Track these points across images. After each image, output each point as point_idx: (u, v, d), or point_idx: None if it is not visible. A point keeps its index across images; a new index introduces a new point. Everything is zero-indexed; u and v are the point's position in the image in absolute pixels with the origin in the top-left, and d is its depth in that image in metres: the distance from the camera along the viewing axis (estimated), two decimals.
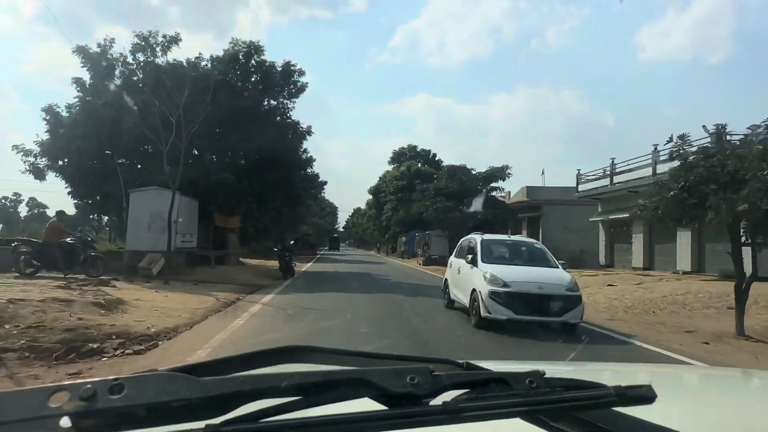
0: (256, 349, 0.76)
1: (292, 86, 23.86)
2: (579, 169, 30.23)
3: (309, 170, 40.02)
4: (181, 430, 0.60)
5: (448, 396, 0.68)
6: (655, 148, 22.32)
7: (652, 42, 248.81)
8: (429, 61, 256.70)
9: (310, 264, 32.22)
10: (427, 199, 32.66)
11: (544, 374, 0.73)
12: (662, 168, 22.11)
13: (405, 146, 60.76)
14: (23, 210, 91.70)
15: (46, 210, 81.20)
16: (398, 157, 59.93)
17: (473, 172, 31.69)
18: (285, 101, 24.18)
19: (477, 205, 29.30)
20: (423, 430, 0.65)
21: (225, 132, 20.42)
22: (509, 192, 36.89)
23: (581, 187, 29.75)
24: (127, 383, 0.59)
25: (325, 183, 45.12)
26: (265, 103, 23.26)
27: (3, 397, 0.59)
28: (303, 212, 45.85)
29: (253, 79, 23.31)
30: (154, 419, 0.59)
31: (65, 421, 0.57)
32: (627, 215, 24.87)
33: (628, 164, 25.54)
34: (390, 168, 60.55)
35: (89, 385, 0.58)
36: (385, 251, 66.08)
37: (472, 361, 0.83)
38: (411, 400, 0.66)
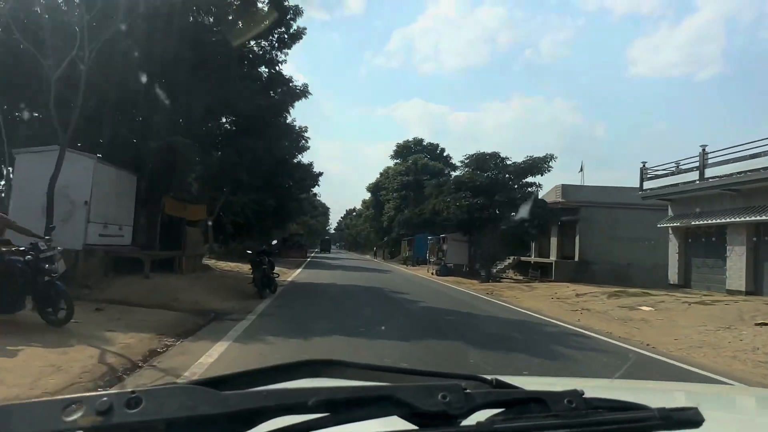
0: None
1: (283, 29, 17.41)
2: (644, 162, 24.01)
3: (302, 156, 33.83)
4: None
5: (482, 415, 0.65)
6: None
7: (644, 56, 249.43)
8: (424, 66, 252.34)
9: (299, 270, 25.73)
10: (447, 195, 26.25)
11: (583, 394, 0.69)
12: None
13: (410, 139, 54.46)
14: None
15: None
16: (402, 151, 53.58)
17: (508, 162, 25.26)
18: (275, 52, 17.73)
19: (524, 212, 23.05)
20: None
21: (184, 81, 13.87)
22: (537, 189, 30.41)
23: (648, 185, 23.49)
24: (145, 396, 0.56)
25: (320, 174, 39.03)
26: (247, 46, 16.77)
27: (14, 409, 0.56)
28: (293, 207, 39.38)
29: (230, 16, 16.86)
30: None
31: None
32: (724, 221, 18.79)
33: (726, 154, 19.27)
34: (392, 164, 54.24)
35: (105, 398, 0.55)
36: (382, 255, 59.45)
37: (502, 378, 0.77)
38: (443, 420, 0.62)
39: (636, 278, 28.97)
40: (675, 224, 21.95)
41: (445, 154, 52.82)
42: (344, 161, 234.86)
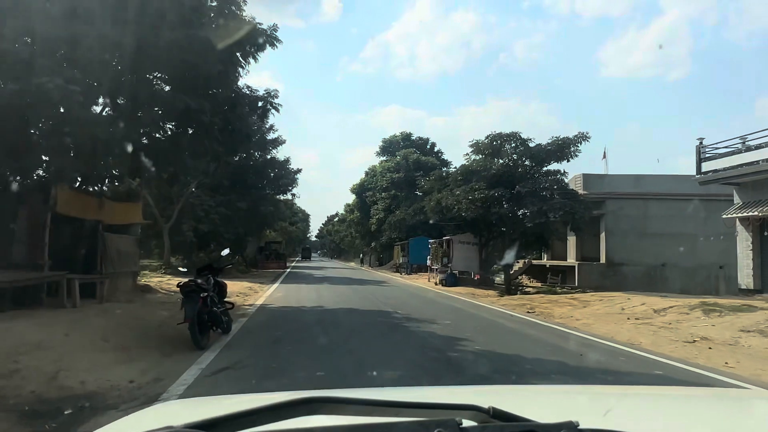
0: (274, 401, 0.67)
1: None
2: (701, 140, 19.38)
3: (276, 151, 29.07)
4: None
5: None
6: None
7: (614, 58, 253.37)
8: (400, 72, 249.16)
9: (275, 286, 20.58)
10: (455, 187, 21.33)
11: (578, 425, 0.69)
12: None
13: (397, 134, 49.47)
14: None
15: None
16: (389, 146, 48.63)
17: (531, 145, 20.34)
18: None
19: (554, 205, 18.56)
20: None
21: None
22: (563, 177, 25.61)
23: (708, 166, 18.87)
24: None
25: (298, 171, 34.11)
26: None
27: None
28: (269, 212, 34.19)
29: None
30: None
31: None
32: None
33: None
34: (378, 162, 49.25)
35: None
36: (369, 263, 54.30)
37: (505, 392, 0.79)
38: None
39: (673, 281, 24.54)
40: (751, 213, 17.31)
41: (436, 149, 48.06)
42: (323, 168, 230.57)
